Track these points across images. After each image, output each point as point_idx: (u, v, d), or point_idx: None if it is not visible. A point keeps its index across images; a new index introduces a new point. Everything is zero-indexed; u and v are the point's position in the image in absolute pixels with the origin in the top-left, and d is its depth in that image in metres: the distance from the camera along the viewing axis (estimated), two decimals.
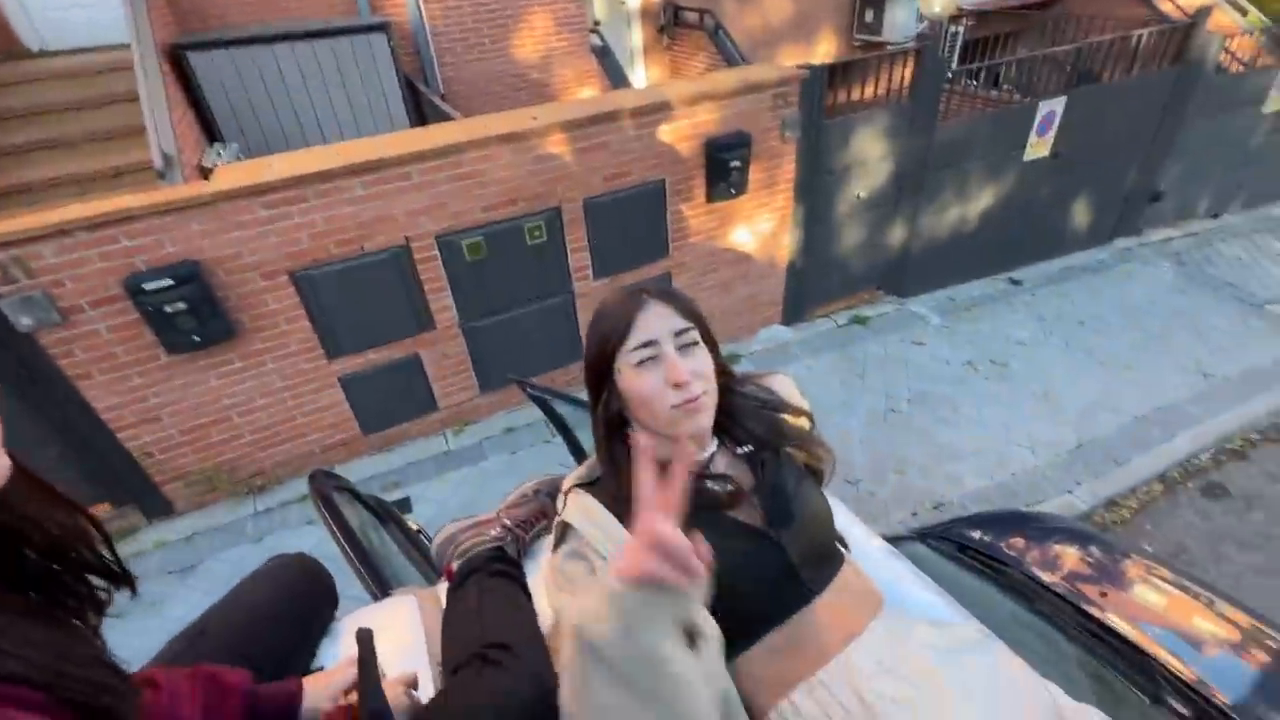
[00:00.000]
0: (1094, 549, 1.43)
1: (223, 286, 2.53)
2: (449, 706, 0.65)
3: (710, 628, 0.57)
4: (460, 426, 3.41)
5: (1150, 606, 1.24)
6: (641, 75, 5.88)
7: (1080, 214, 4.63)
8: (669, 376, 0.76)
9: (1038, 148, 4.05)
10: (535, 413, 3.46)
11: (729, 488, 0.80)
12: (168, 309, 2.38)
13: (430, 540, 1.62)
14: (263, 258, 2.55)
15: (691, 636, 0.55)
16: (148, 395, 2.61)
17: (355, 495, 1.65)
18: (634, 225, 3.26)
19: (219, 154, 3.76)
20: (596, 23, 5.44)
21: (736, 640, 0.75)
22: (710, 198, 3.35)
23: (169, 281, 2.35)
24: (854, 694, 0.69)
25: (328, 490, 1.43)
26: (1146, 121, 4.35)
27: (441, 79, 4.78)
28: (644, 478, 0.55)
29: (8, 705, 0.35)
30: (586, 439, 1.68)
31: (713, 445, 0.85)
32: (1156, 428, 3.20)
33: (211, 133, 4.09)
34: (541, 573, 0.55)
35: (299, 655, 0.86)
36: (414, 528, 1.82)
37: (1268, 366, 3.59)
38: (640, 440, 0.56)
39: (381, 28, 4.06)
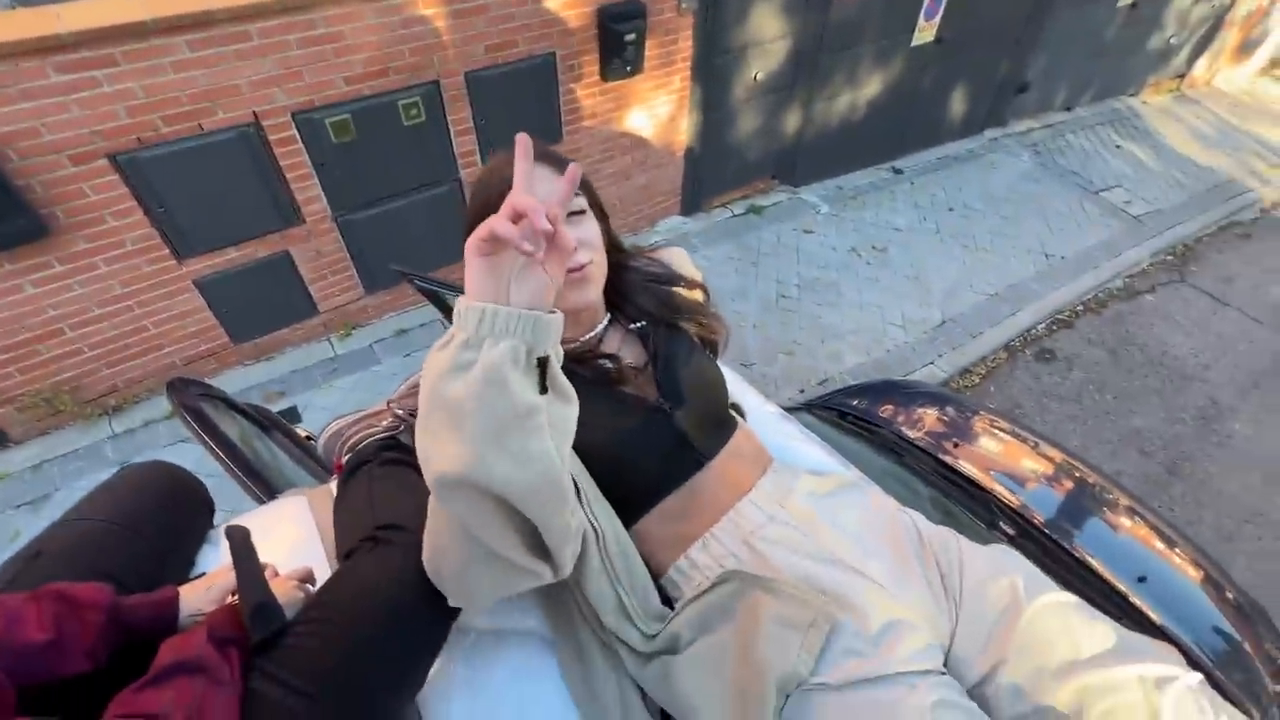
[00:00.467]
0: (949, 409, 1.62)
1: (21, 173, 2.08)
2: (340, 591, 0.63)
3: (568, 388, 0.56)
4: (346, 330, 3.19)
5: (990, 453, 1.44)
6: None
7: (957, 104, 4.82)
8: None
9: (925, 32, 4.10)
10: (430, 312, 3.30)
11: (617, 364, 0.80)
12: None
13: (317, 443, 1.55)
14: (68, 136, 2.11)
15: (544, 381, 0.53)
16: None
17: (229, 404, 1.52)
18: (523, 105, 3.00)
19: None
20: None
21: (636, 508, 0.79)
22: (605, 76, 3.13)
23: None
24: (743, 543, 0.75)
25: (192, 400, 1.30)
26: (1020, 9, 4.50)
27: None
28: (520, 167, 0.52)
29: None
30: None
31: (604, 322, 0.84)
32: (1006, 304, 3.60)
33: None
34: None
35: (172, 566, 0.80)
36: (303, 435, 1.73)
37: (1094, 246, 4.09)
38: (519, 138, 0.53)
39: None
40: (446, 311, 1.63)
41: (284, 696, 0.52)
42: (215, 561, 0.85)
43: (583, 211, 0.76)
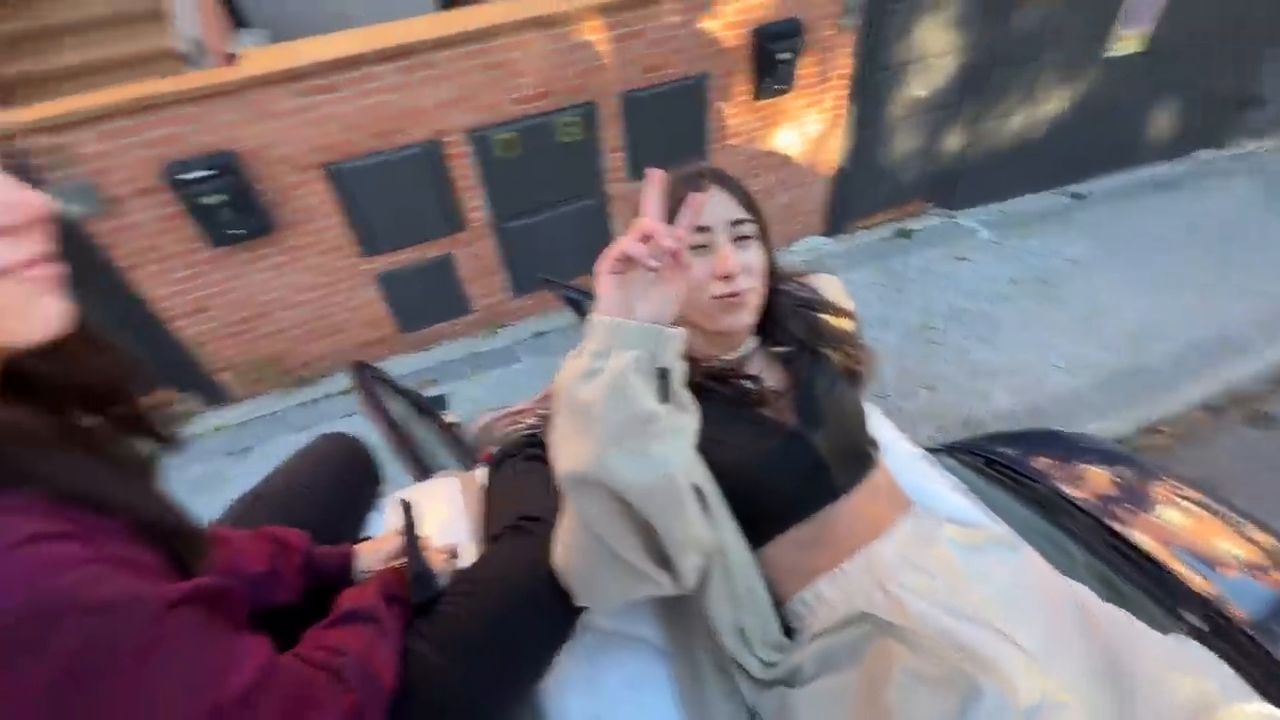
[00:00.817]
0: (1125, 469, 1.42)
1: (260, 179, 2.52)
2: (486, 570, 0.70)
3: (688, 400, 0.60)
4: (493, 329, 3.47)
5: (1176, 527, 1.24)
6: None
7: (1161, 121, 4.22)
8: (717, 268, 0.74)
9: (1126, 42, 3.64)
10: (567, 318, 3.49)
11: (759, 387, 0.80)
12: (208, 201, 2.40)
13: (465, 432, 1.70)
14: (296, 149, 2.52)
15: (665, 392, 0.57)
16: (195, 287, 2.69)
17: (395, 387, 1.71)
18: (673, 124, 3.10)
19: (244, 40, 3.63)
20: None
21: (765, 532, 0.78)
22: (756, 95, 3.13)
23: (206, 172, 2.35)
24: (876, 584, 0.72)
25: (369, 381, 1.49)
26: (1255, 11, 3.84)
27: None
28: (650, 195, 0.58)
29: (83, 540, 0.38)
30: None
31: (751, 343, 0.84)
32: (1209, 354, 3.07)
33: (238, 19, 3.93)
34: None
35: (347, 526, 0.93)
36: (450, 421, 1.90)
37: None
38: (650, 172, 0.60)
39: None
40: (584, 317, 1.72)
41: (433, 655, 0.59)
42: (379, 526, 0.97)
43: (752, 238, 0.78)
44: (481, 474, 1.00)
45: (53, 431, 0.42)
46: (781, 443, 0.78)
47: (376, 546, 0.79)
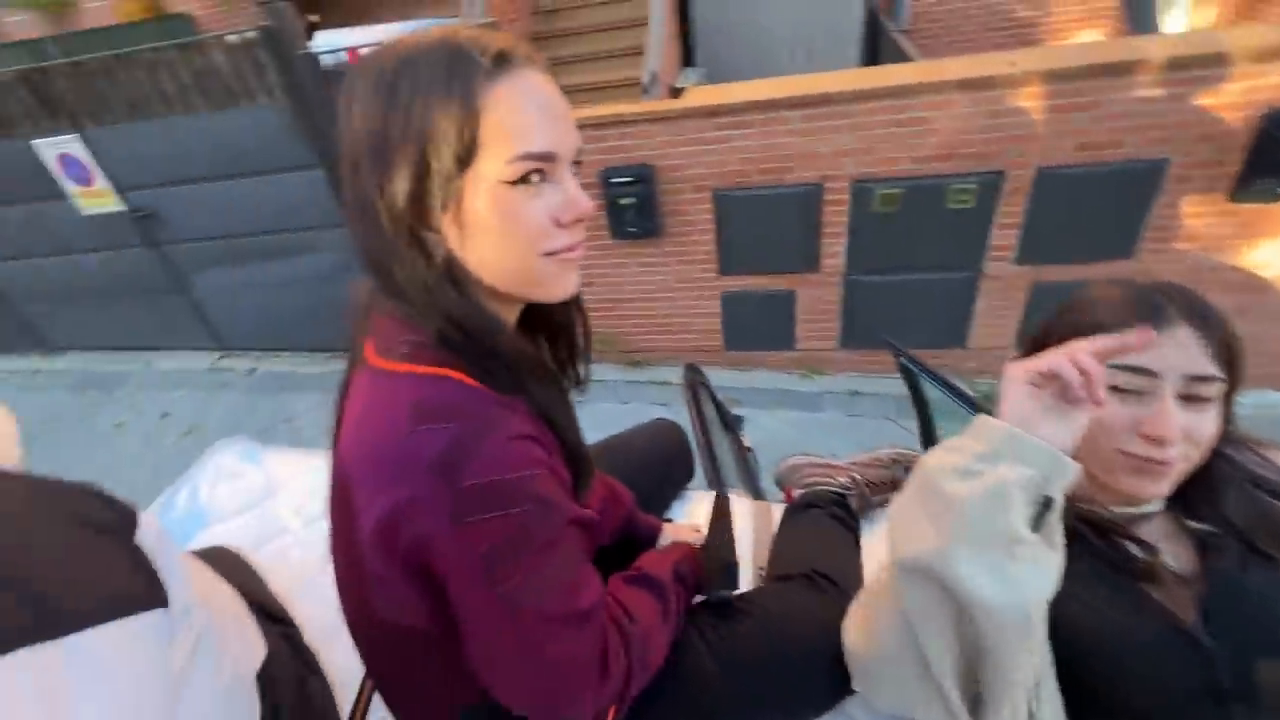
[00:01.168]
0: None
1: (663, 192, 2.98)
2: (775, 605, 0.71)
3: (1058, 538, 0.53)
4: (808, 372, 3.45)
5: None
6: (1181, 16, 4.44)
7: None
8: (1146, 426, 0.59)
9: None
10: (883, 385, 3.28)
11: (1150, 558, 0.63)
12: (623, 201, 2.94)
13: (756, 459, 1.73)
14: (698, 172, 2.89)
15: (1038, 523, 0.52)
16: (590, 265, 3.33)
17: (713, 397, 1.84)
18: (1096, 210, 2.61)
19: (688, 77, 4.32)
20: None
21: None
22: (1236, 194, 2.43)
23: (628, 179, 2.88)
24: None
25: (696, 383, 1.63)
26: None
27: (911, 12, 4.46)
28: (1114, 343, 0.52)
29: (544, 448, 0.52)
30: (949, 431, 1.51)
31: (1156, 504, 0.66)
32: None
33: (687, 57, 4.71)
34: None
35: (657, 503, 1.04)
36: (745, 445, 1.96)
37: None
38: (1143, 332, 0.52)
39: None
40: (917, 395, 1.58)
41: (709, 661, 0.63)
42: (680, 513, 1.06)
43: (1211, 401, 0.60)
44: (777, 509, 1.01)
45: (540, 362, 0.58)
46: (1165, 636, 0.59)
47: (677, 530, 0.87)
